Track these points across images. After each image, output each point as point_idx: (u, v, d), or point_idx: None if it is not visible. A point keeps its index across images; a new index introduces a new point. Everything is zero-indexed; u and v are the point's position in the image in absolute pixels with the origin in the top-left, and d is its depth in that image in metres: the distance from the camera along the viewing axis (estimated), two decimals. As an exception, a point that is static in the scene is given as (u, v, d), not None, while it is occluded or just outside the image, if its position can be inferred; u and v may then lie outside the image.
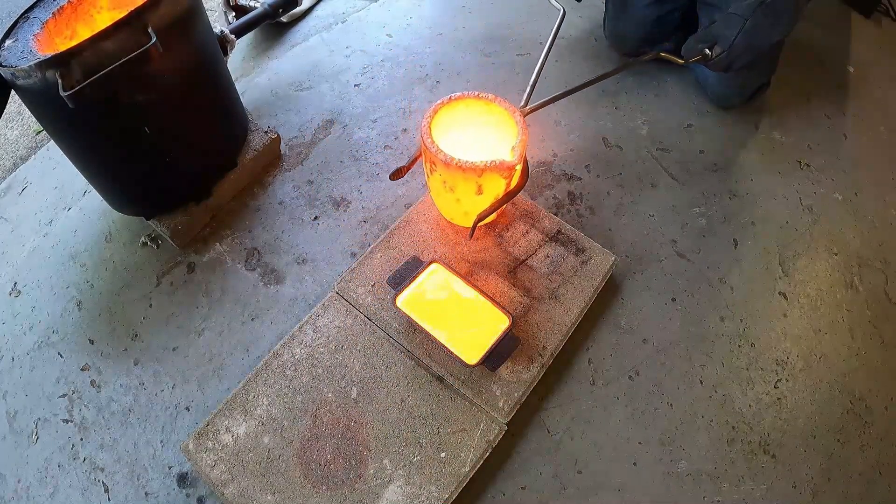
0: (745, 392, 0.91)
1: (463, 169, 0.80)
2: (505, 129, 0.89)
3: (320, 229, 1.06)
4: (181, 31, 0.85)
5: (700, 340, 0.95)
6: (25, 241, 1.08)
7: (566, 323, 0.89)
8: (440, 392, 0.83)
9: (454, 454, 0.78)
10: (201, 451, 0.79)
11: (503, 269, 0.94)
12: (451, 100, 0.88)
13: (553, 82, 1.31)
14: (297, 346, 0.87)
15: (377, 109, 1.25)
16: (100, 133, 0.84)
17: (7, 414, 0.89)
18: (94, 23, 0.88)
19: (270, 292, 0.98)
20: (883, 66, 1.44)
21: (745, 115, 1.26)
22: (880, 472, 0.86)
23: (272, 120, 1.23)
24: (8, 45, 0.79)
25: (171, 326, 0.95)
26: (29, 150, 1.37)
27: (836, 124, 1.29)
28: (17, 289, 1.01)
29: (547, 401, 0.88)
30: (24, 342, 0.95)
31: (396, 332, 0.88)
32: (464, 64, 1.35)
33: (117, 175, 0.95)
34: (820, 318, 0.99)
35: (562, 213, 1.08)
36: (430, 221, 1.00)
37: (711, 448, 0.85)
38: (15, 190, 1.18)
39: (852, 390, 0.92)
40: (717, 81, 1.22)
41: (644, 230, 1.07)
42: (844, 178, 1.19)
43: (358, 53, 1.38)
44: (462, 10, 1.50)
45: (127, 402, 0.88)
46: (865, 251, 1.08)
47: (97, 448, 0.85)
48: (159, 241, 1.04)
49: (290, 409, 0.82)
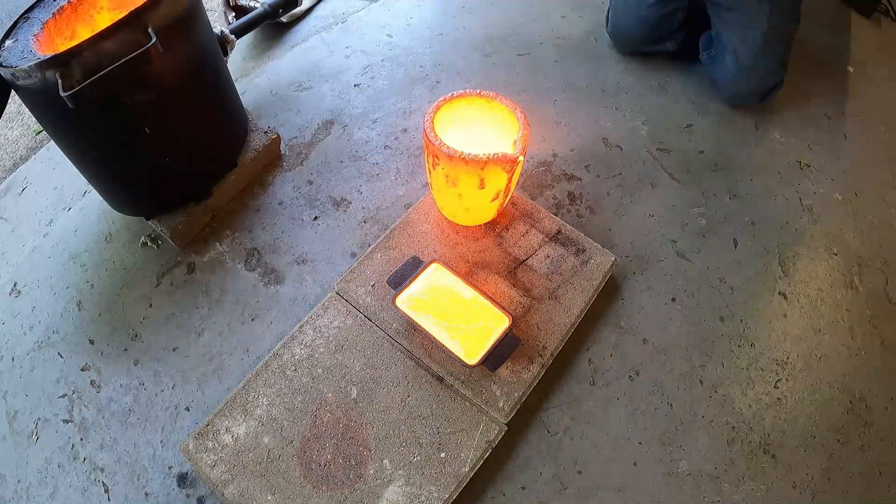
0: (745, 392, 0.91)
1: (466, 161, 0.80)
2: (505, 127, 0.89)
3: (320, 229, 1.06)
4: (181, 32, 0.85)
5: (700, 340, 0.95)
6: (25, 241, 1.08)
7: (566, 323, 0.89)
8: (440, 392, 0.83)
9: (454, 454, 0.78)
10: (201, 452, 0.79)
11: (503, 269, 0.94)
12: (454, 97, 0.89)
13: (553, 82, 1.31)
14: (297, 347, 0.87)
15: (377, 109, 1.25)
16: (100, 133, 0.84)
17: (7, 414, 0.89)
18: (94, 23, 0.88)
19: (270, 292, 0.98)
20: (883, 66, 1.45)
21: (745, 115, 1.26)
22: (880, 472, 0.86)
23: (272, 120, 1.23)
24: (8, 46, 0.79)
25: (171, 326, 0.95)
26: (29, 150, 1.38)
27: (836, 124, 1.29)
28: (17, 289, 1.01)
29: (547, 401, 0.88)
30: (24, 342, 0.95)
31: (396, 332, 0.88)
32: (464, 64, 1.35)
33: (117, 175, 0.95)
34: (820, 318, 0.99)
35: (562, 213, 1.08)
36: (431, 221, 1.00)
37: (711, 448, 0.85)
38: (15, 190, 1.18)
39: (852, 390, 0.92)
40: (733, 81, 1.22)
41: (644, 230, 1.07)
42: (844, 178, 1.19)
43: (358, 53, 1.38)
44: (462, 10, 1.50)
45: (127, 402, 0.88)
46: (865, 251, 1.08)
47: (97, 448, 0.85)
48: (159, 241, 1.04)
49: (290, 409, 0.82)
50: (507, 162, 0.81)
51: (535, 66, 1.35)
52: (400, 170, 1.14)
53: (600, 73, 1.34)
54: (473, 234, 0.98)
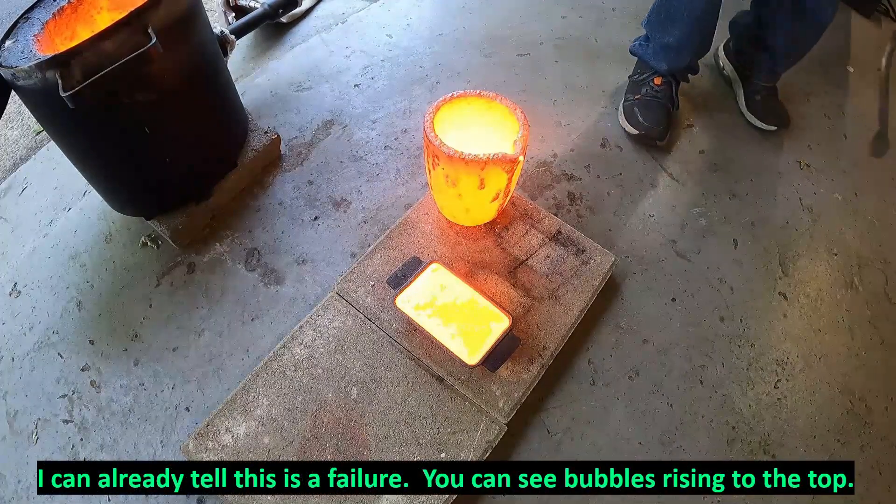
0: (745, 392, 0.91)
1: (466, 162, 0.80)
2: (505, 128, 0.90)
3: (320, 230, 1.06)
4: (181, 32, 0.85)
5: (700, 340, 0.95)
6: (25, 241, 1.08)
7: (566, 323, 0.89)
8: (440, 392, 0.83)
9: (454, 454, 0.78)
10: (201, 452, 0.79)
11: (503, 269, 0.94)
12: (454, 97, 0.89)
13: (553, 82, 1.31)
14: (297, 347, 0.87)
15: (377, 110, 1.25)
16: (100, 133, 0.84)
17: (7, 414, 0.88)
18: (94, 23, 0.88)
19: (270, 293, 0.98)
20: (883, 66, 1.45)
21: (745, 116, 1.26)
22: (880, 472, 0.86)
23: (272, 120, 1.23)
24: (8, 46, 0.79)
25: (171, 327, 0.95)
26: (29, 150, 1.37)
27: (836, 124, 1.29)
28: (17, 289, 1.01)
29: (547, 401, 0.88)
30: (24, 342, 0.95)
31: (396, 332, 0.88)
32: (464, 64, 1.35)
33: (117, 175, 0.95)
34: (820, 318, 0.99)
35: (562, 214, 1.08)
36: (431, 221, 1.00)
37: (711, 448, 0.85)
38: (15, 190, 1.18)
39: (852, 390, 0.92)
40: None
41: (644, 230, 1.07)
42: (844, 178, 1.19)
43: (358, 54, 1.38)
44: (462, 10, 1.50)
45: (127, 402, 0.88)
46: (865, 251, 1.08)
47: (97, 448, 0.85)
48: (159, 241, 1.04)
49: (289, 409, 0.82)
50: (507, 162, 0.81)
51: (535, 66, 1.35)
52: (400, 170, 1.14)
53: (600, 73, 1.34)
54: (473, 234, 0.98)
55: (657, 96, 1.06)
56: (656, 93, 1.06)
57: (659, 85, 1.06)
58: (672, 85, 1.08)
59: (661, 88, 1.06)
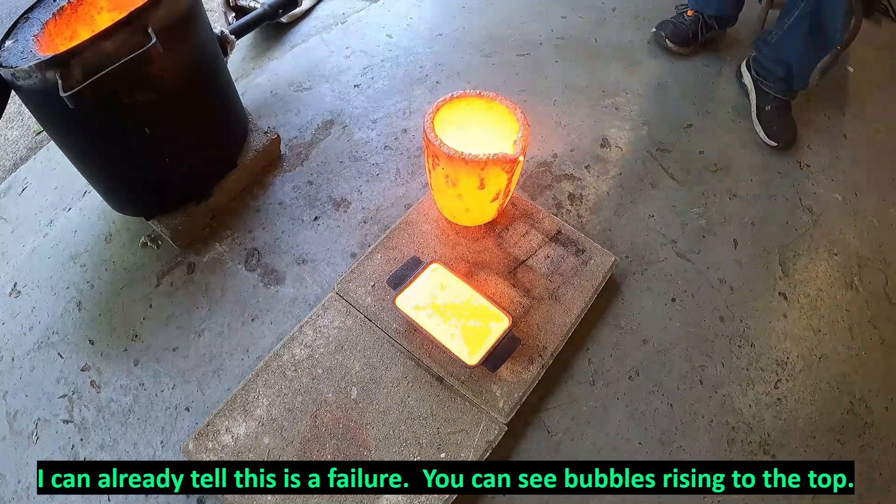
0: (745, 392, 0.91)
1: (466, 162, 0.80)
2: (505, 128, 0.90)
3: (320, 230, 1.06)
4: (181, 32, 0.85)
5: (700, 340, 0.95)
6: (25, 241, 1.08)
7: (566, 323, 0.89)
8: (440, 392, 0.83)
9: (454, 454, 0.78)
10: (201, 452, 0.79)
11: (503, 269, 0.94)
12: (453, 98, 0.89)
13: (553, 82, 1.32)
14: (297, 347, 0.87)
15: (377, 110, 1.25)
16: (100, 133, 0.84)
17: (7, 414, 0.89)
18: (94, 23, 0.88)
19: (270, 293, 0.98)
20: (883, 66, 1.44)
21: (745, 115, 1.26)
22: (880, 472, 0.86)
23: (272, 120, 1.23)
24: (8, 46, 0.79)
25: (171, 327, 0.95)
26: (29, 150, 1.37)
27: (836, 124, 1.29)
28: (17, 289, 1.01)
29: (547, 401, 0.88)
30: (24, 342, 0.95)
31: (396, 332, 0.88)
32: (464, 64, 1.35)
33: (117, 175, 0.95)
34: (820, 318, 0.99)
35: (562, 214, 1.08)
36: (431, 222, 1.00)
37: (711, 448, 0.85)
38: (15, 190, 1.18)
39: (852, 390, 0.92)
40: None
41: (644, 230, 1.07)
42: (844, 178, 1.19)
43: (358, 54, 1.38)
44: (462, 10, 1.50)
45: (127, 402, 0.88)
46: (865, 251, 1.08)
47: (97, 448, 0.85)
48: (159, 241, 1.04)
49: (290, 409, 0.82)
50: (507, 162, 0.81)
51: (535, 66, 1.35)
52: (400, 170, 1.14)
53: (600, 73, 1.34)
54: (473, 234, 0.98)
55: (684, 23, 1.38)
56: (683, 20, 1.39)
57: (690, 16, 1.38)
58: (699, 21, 1.37)
59: (691, 19, 1.37)
